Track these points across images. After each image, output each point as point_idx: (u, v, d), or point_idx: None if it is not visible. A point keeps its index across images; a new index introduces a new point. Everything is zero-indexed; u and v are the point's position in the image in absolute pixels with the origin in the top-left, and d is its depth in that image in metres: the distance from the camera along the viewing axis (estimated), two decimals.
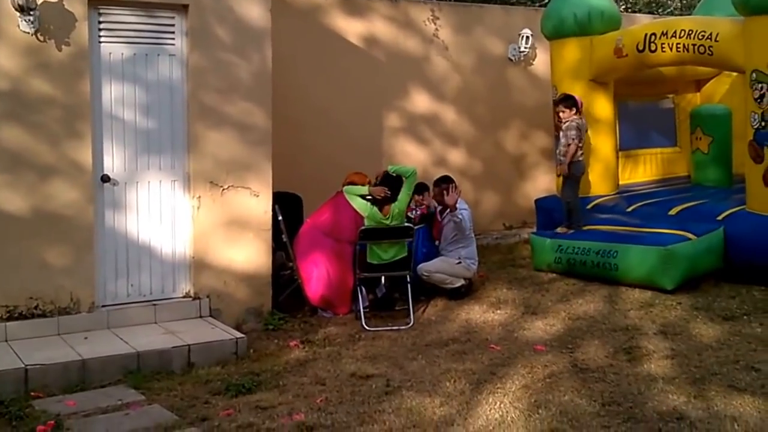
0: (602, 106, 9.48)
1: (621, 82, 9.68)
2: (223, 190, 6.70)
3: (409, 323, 6.92)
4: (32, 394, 5.30)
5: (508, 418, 4.82)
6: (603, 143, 9.53)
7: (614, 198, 9.45)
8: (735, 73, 10.49)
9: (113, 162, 6.36)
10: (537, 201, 9.89)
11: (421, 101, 9.99)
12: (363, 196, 7.09)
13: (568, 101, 8.62)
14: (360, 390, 5.37)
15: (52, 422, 4.75)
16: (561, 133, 8.61)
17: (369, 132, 9.59)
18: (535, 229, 10.20)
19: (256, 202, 6.85)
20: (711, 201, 8.72)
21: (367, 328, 6.83)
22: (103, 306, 6.34)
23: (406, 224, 7.06)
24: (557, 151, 8.74)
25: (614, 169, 9.78)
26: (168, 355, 5.86)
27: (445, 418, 4.84)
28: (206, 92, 6.59)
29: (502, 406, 5.02)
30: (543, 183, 10.98)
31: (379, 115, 9.68)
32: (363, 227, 6.94)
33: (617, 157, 9.92)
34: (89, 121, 6.12)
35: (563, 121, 8.60)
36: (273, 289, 7.06)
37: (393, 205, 6.95)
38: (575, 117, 8.56)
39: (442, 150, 10.21)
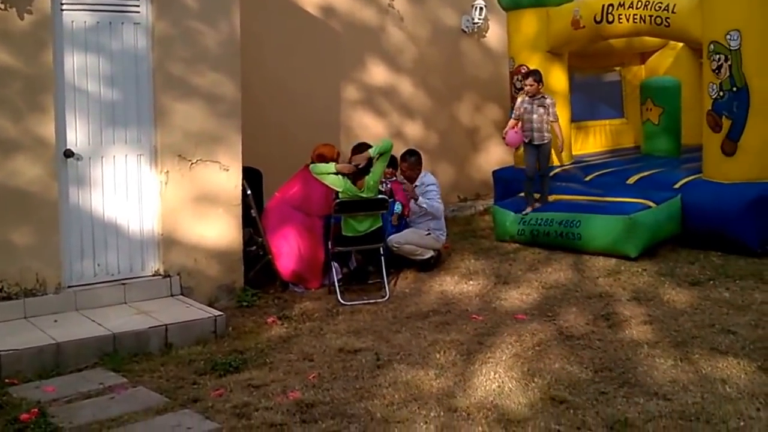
0: (558, 78, 9.54)
1: (571, 54, 9.74)
2: (192, 164, 6.43)
3: (385, 296, 6.82)
4: (7, 380, 4.98)
5: (506, 388, 4.79)
6: (559, 114, 9.50)
7: (570, 168, 9.54)
8: (680, 45, 10.78)
9: (77, 136, 6.00)
10: (495, 172, 9.90)
11: (378, 73, 9.83)
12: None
13: (537, 75, 8.55)
14: (351, 365, 5.26)
15: (36, 410, 4.47)
16: (541, 109, 8.48)
17: (327, 104, 9.38)
18: (490, 201, 10.27)
19: (226, 177, 6.61)
20: (667, 170, 8.89)
21: (343, 302, 6.70)
22: (70, 287, 6.02)
23: (381, 196, 6.92)
24: (533, 122, 8.53)
25: (569, 140, 9.86)
26: (145, 336, 5.61)
27: (443, 391, 4.78)
28: (173, 62, 6.28)
29: (497, 376, 4.99)
30: (495, 155, 10.99)
31: (336, 88, 9.48)
32: (339, 200, 6.76)
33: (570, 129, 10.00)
34: (52, 93, 5.75)
35: (536, 95, 8.48)
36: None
37: (367, 177, 6.79)
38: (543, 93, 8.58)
39: (399, 122, 10.09)
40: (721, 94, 7.82)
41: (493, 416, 4.38)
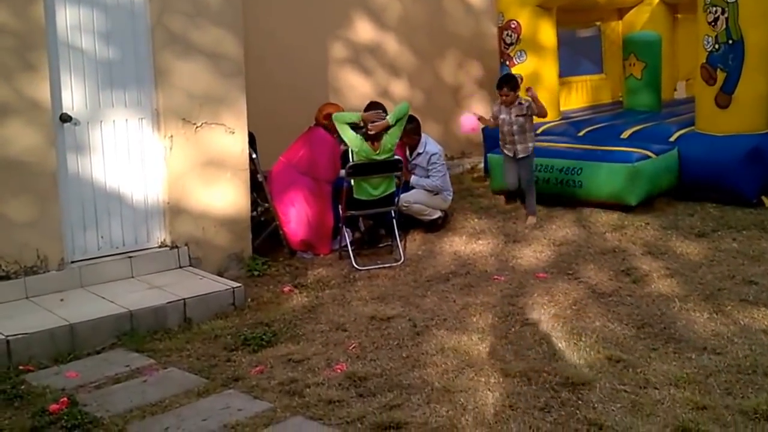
0: (546, 33, 9.18)
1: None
2: (197, 127, 5.90)
3: (399, 260, 6.44)
4: (21, 367, 4.48)
5: (556, 350, 4.54)
6: (547, 70, 9.28)
7: (561, 124, 9.24)
8: (656, 0, 10.55)
9: (73, 99, 5.40)
10: (484, 129, 9.52)
11: (363, 31, 9.31)
12: (352, 126, 6.41)
13: (513, 83, 7.27)
14: (388, 333, 4.91)
15: (65, 399, 3.99)
16: (521, 118, 7.20)
17: (314, 64, 8.83)
18: (477, 159, 9.95)
19: (232, 140, 6.11)
20: (658, 124, 8.68)
21: (357, 267, 6.30)
22: (73, 262, 5.47)
23: (396, 157, 6.49)
24: (515, 134, 7.27)
25: (557, 96, 9.59)
26: (163, 312, 5.14)
27: (494, 355, 4.49)
28: (172, 17, 5.70)
29: (542, 338, 4.73)
30: (479, 113, 10.61)
31: (323, 46, 8.93)
32: (352, 163, 6.32)
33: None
34: (45, 51, 5.13)
35: (515, 103, 7.22)
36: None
37: (384, 139, 6.36)
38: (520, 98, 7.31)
39: (385, 81, 9.62)
40: (717, 47, 7.61)
41: (556, 380, 4.11)
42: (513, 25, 8.96)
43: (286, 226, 6.60)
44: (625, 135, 8.45)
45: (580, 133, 8.78)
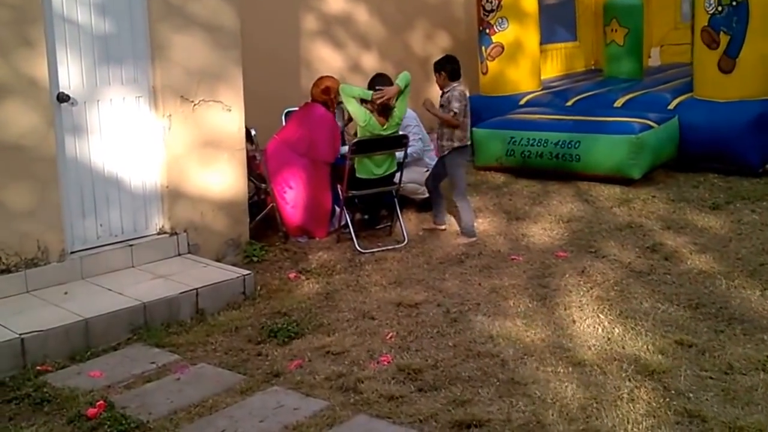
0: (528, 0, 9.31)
1: None
2: (195, 105, 5.77)
3: (402, 241, 6.45)
4: (39, 368, 4.35)
5: (615, 334, 4.55)
6: (529, 38, 9.42)
7: (544, 94, 9.38)
8: None
9: (69, 77, 5.20)
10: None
11: (334, 1, 9.24)
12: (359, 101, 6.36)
13: (437, 64, 6.57)
14: (422, 320, 4.93)
15: (102, 402, 3.91)
16: (441, 109, 6.51)
17: (285, 36, 8.70)
18: None
19: (229, 118, 6.00)
20: (650, 91, 8.85)
21: (361, 250, 6.29)
22: (73, 252, 5.31)
23: (401, 133, 6.51)
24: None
25: (539, 65, 9.74)
26: (176, 303, 5.05)
27: (549, 343, 4.50)
28: None
29: (593, 321, 4.75)
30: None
31: (295, 18, 8.80)
32: (356, 139, 6.30)
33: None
34: (42, 25, 4.92)
35: (443, 89, 6.54)
36: None
37: (394, 113, 6.36)
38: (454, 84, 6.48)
39: (356, 54, 9.58)
40: (720, 9, 7.73)
41: (631, 368, 4.10)
42: None
43: (283, 210, 6.54)
44: (618, 104, 8.63)
45: (568, 103, 8.91)
